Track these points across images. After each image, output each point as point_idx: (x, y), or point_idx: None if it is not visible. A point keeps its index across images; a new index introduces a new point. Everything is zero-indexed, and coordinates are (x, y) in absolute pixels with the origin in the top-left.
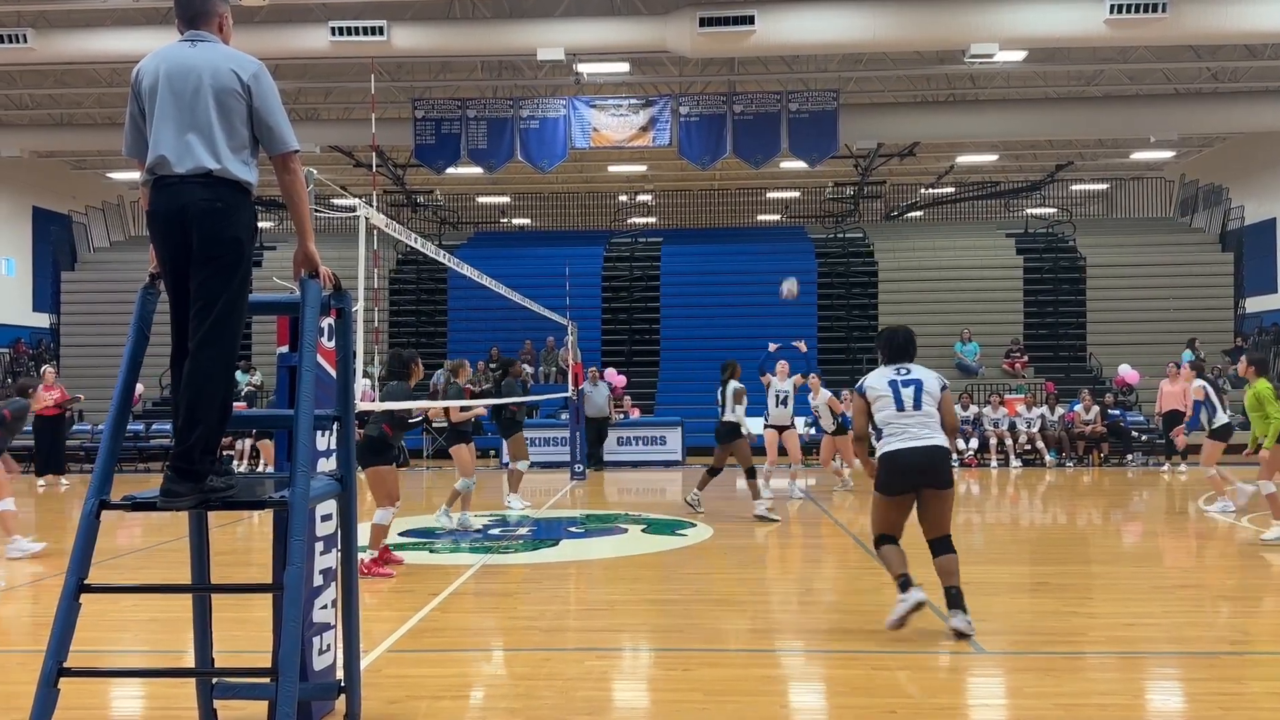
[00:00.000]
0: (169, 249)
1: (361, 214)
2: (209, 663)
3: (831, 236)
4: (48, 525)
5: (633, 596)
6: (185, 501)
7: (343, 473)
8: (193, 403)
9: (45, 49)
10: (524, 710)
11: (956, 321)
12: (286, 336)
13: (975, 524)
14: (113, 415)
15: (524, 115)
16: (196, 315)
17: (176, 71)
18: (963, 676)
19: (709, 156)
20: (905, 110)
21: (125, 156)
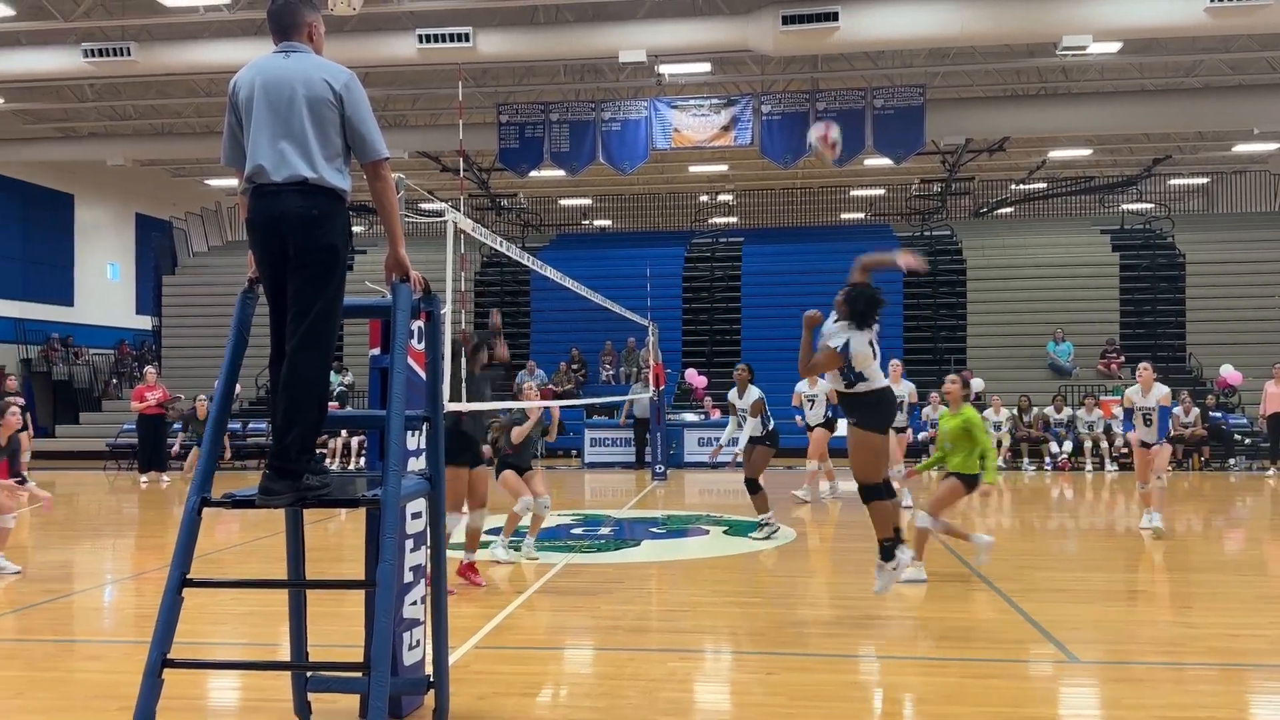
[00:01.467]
0: (267, 255)
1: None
2: (304, 656)
3: (918, 234)
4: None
5: (715, 598)
6: (283, 499)
7: (432, 472)
8: (290, 403)
9: (147, 61)
10: (609, 709)
11: (1049, 321)
12: (378, 339)
13: (1069, 529)
14: (214, 415)
15: (606, 117)
16: (293, 319)
17: (271, 82)
18: (1056, 686)
19: (791, 155)
20: (994, 104)
21: (224, 166)
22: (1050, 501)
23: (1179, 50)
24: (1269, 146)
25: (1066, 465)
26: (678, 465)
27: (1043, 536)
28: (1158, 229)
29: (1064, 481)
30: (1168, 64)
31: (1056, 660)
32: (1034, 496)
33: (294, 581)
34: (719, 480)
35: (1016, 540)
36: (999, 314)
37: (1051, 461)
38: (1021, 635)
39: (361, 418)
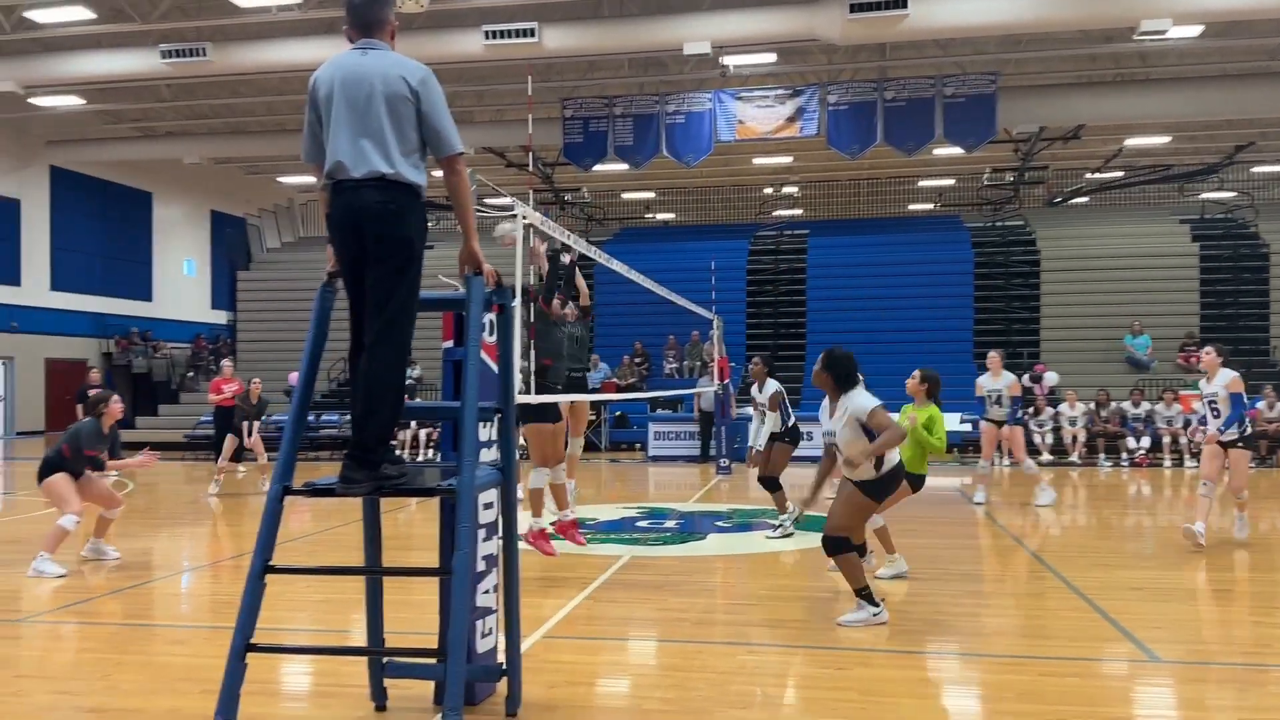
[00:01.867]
0: (346, 249)
1: (519, 212)
2: (380, 642)
3: (989, 225)
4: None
5: (782, 592)
6: (362, 488)
7: (504, 463)
8: (369, 394)
9: (222, 61)
10: (678, 700)
11: (1126, 314)
12: (451, 332)
13: (1147, 527)
14: (296, 406)
15: (670, 110)
16: (372, 312)
17: (350, 79)
18: (1135, 685)
19: (858, 145)
20: (1069, 91)
21: (304, 162)
22: (1127, 498)
23: (1263, 33)
24: None
25: (1144, 461)
26: (742, 459)
27: (1120, 534)
28: (1240, 218)
29: (1142, 478)
30: (1251, 47)
31: (1135, 659)
32: (1110, 493)
33: (372, 569)
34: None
35: (1093, 538)
36: (1074, 306)
37: (1129, 457)
38: (1099, 634)
39: (436, 409)
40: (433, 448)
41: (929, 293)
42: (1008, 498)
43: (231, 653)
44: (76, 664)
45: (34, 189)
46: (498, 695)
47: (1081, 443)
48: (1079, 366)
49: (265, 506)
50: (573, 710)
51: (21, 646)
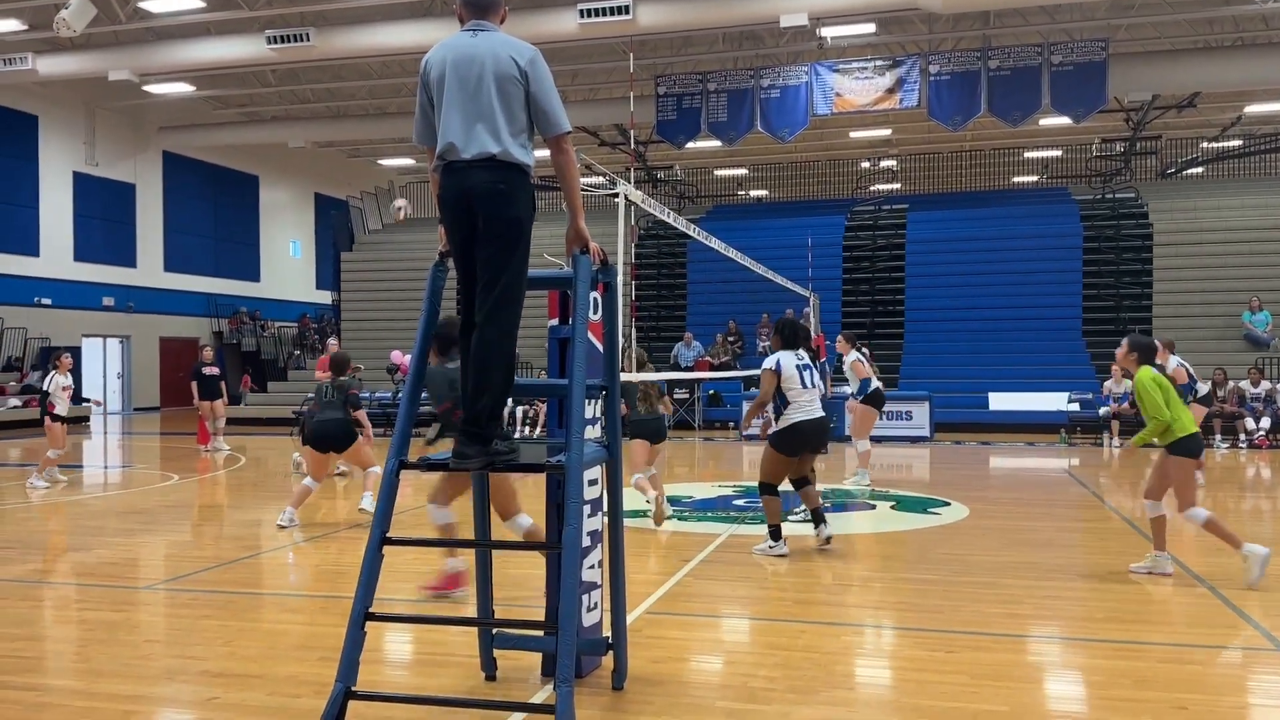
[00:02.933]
0: (457, 229)
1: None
2: (490, 614)
3: (1099, 198)
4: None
5: (886, 574)
6: (474, 463)
7: (610, 439)
8: (480, 372)
9: (324, 46)
10: (784, 680)
11: (1244, 289)
12: (556, 310)
13: (1266, 511)
14: (410, 383)
15: (764, 85)
16: (482, 290)
17: (462, 60)
18: (1262, 674)
19: (961, 116)
20: (1184, 57)
21: (415, 144)
22: (1245, 481)
23: None
24: None
25: (1265, 443)
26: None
27: (1238, 518)
28: None
29: (1261, 460)
30: None
31: (1260, 648)
32: (1228, 476)
33: (483, 542)
34: (884, 455)
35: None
36: (1189, 282)
37: (1248, 439)
38: (1221, 620)
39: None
40: (528, 425)
41: (1035, 268)
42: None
43: (351, 621)
44: (198, 630)
45: (148, 174)
46: (603, 668)
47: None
48: (1195, 344)
49: (382, 480)
50: (678, 685)
51: (145, 612)
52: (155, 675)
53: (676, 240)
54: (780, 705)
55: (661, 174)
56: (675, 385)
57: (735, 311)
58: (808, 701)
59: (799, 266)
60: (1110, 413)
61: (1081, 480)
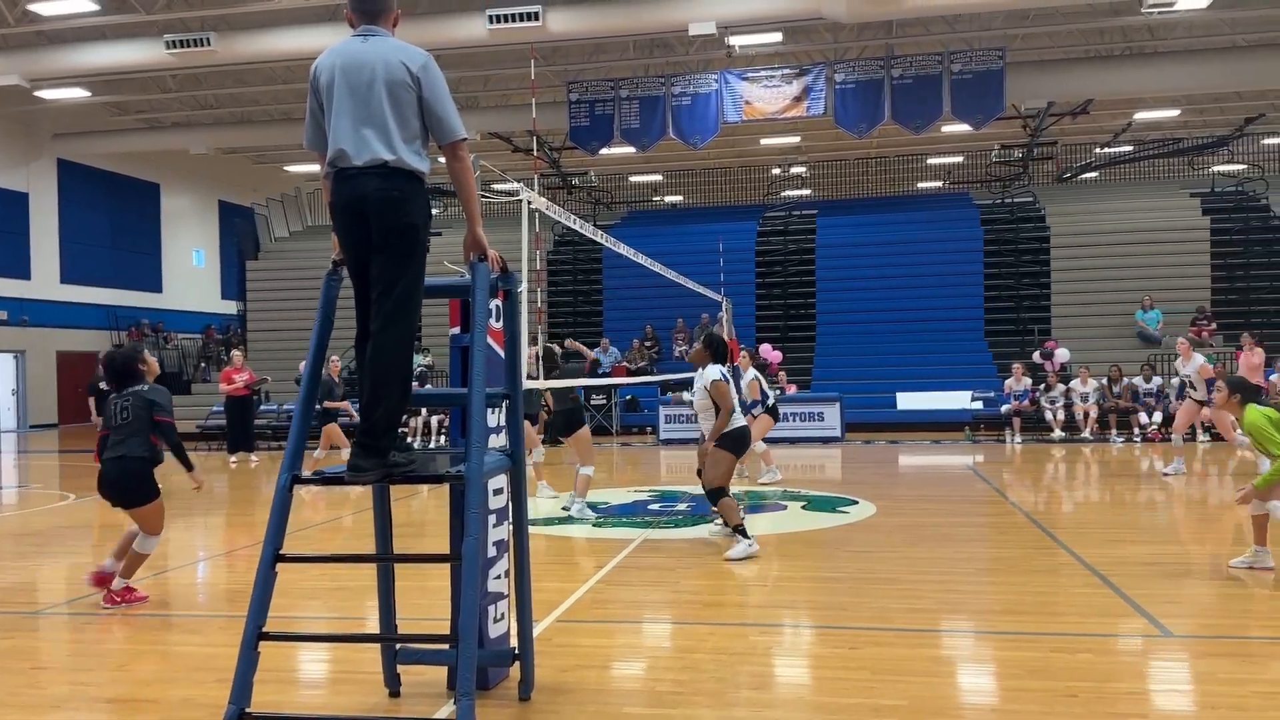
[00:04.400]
0: (350, 237)
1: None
2: (393, 629)
3: (998, 202)
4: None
5: (795, 573)
6: (370, 476)
7: (513, 448)
8: (376, 382)
9: (226, 50)
10: (690, 682)
11: (1137, 289)
12: (458, 318)
13: (1160, 502)
14: (303, 395)
15: (676, 92)
16: (377, 299)
17: (351, 66)
18: (1148, 660)
19: (866, 124)
20: (1077, 66)
21: (306, 150)
22: (1140, 473)
23: (1273, 2)
24: None
25: (1157, 436)
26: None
27: (1133, 509)
28: (1251, 191)
29: (1154, 453)
30: (1260, 18)
31: (1148, 634)
32: (1123, 469)
33: (383, 556)
34: (797, 455)
35: (1106, 513)
36: (1085, 282)
37: (1141, 433)
38: (1111, 609)
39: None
40: (444, 434)
41: (938, 271)
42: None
43: (244, 641)
44: (93, 655)
45: (42, 182)
46: (511, 679)
47: (1094, 419)
48: (1090, 343)
49: (275, 496)
50: (585, 693)
51: (39, 638)
52: (43, 704)
53: (592, 246)
54: (687, 709)
55: (576, 180)
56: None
57: (651, 316)
58: (714, 704)
59: (713, 271)
60: (1012, 410)
61: (985, 477)
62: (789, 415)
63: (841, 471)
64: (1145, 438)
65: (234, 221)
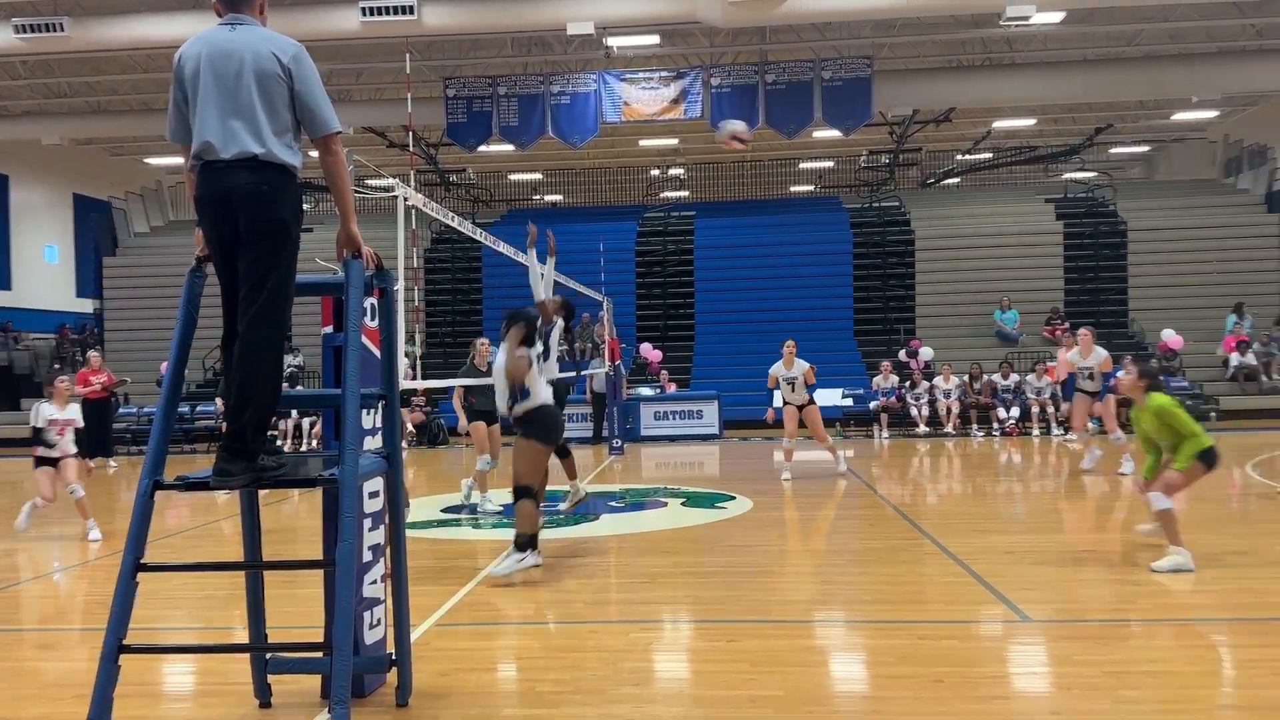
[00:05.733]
0: (217, 233)
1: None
2: (263, 638)
3: (867, 206)
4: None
5: (675, 569)
6: (238, 480)
7: (389, 450)
8: (244, 383)
9: (81, 37)
10: (571, 681)
11: (995, 289)
12: (331, 317)
13: (1018, 493)
14: (165, 397)
15: (555, 91)
16: (245, 297)
17: (218, 55)
18: (1009, 645)
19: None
20: (940, 75)
21: (170, 142)
22: (999, 466)
23: (1121, 19)
24: (1207, 114)
25: (1015, 430)
26: (635, 439)
27: (993, 500)
28: (1100, 197)
29: (1012, 446)
30: (1109, 33)
31: (1008, 620)
32: (983, 462)
33: (250, 563)
34: (676, 453)
35: (968, 504)
36: (947, 284)
37: (1000, 427)
38: (974, 597)
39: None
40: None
41: (811, 272)
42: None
43: (103, 654)
44: None
45: None
46: (388, 686)
47: (955, 414)
48: (952, 341)
49: (135, 502)
50: (464, 696)
51: None
52: None
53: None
54: (568, 708)
55: (454, 177)
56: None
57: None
58: (595, 701)
59: (593, 271)
60: (879, 406)
61: (855, 471)
62: (668, 414)
63: (720, 468)
64: (1004, 432)
65: (90, 216)
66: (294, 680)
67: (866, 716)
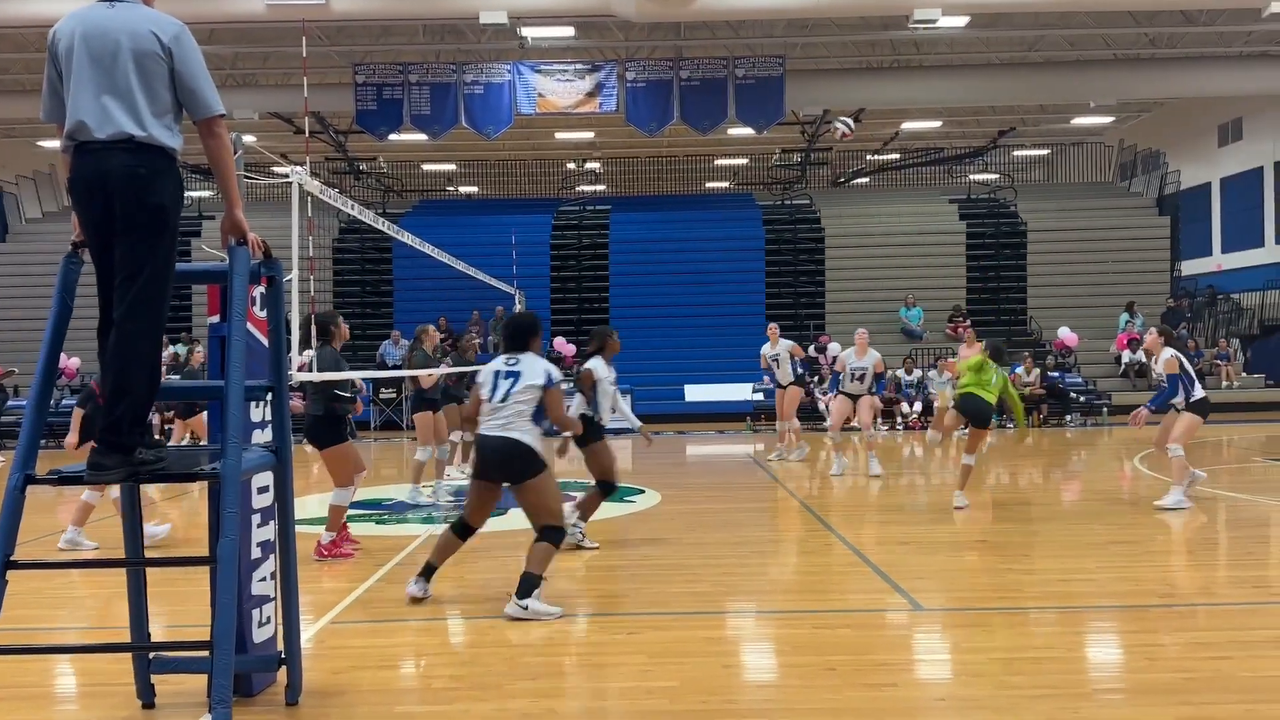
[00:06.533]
0: (92, 217)
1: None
2: (145, 637)
3: (779, 203)
4: None
5: (579, 563)
6: (113, 475)
7: (278, 444)
8: (120, 374)
9: None
10: (469, 677)
11: (901, 287)
12: (217, 306)
13: (919, 485)
14: (36, 387)
15: (468, 80)
16: (121, 285)
17: (94, 34)
18: (902, 633)
19: (656, 123)
20: (851, 76)
21: (44, 122)
22: (901, 459)
23: (1023, 25)
24: (1104, 120)
25: (916, 424)
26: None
27: (893, 492)
28: (1002, 198)
29: (915, 441)
30: (1012, 38)
31: (903, 609)
32: (885, 455)
33: (130, 560)
34: None
35: (869, 496)
36: (855, 280)
37: (903, 421)
38: (871, 586)
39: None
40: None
41: (725, 267)
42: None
43: None
44: None
45: None
46: (278, 685)
47: None
48: None
49: (5, 497)
50: (357, 694)
51: None
52: None
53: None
54: (462, 704)
55: (365, 166)
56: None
57: (444, 308)
58: (491, 696)
59: (506, 264)
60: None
61: (762, 464)
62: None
63: (631, 462)
64: (907, 425)
65: None
66: (179, 680)
67: (760, 704)
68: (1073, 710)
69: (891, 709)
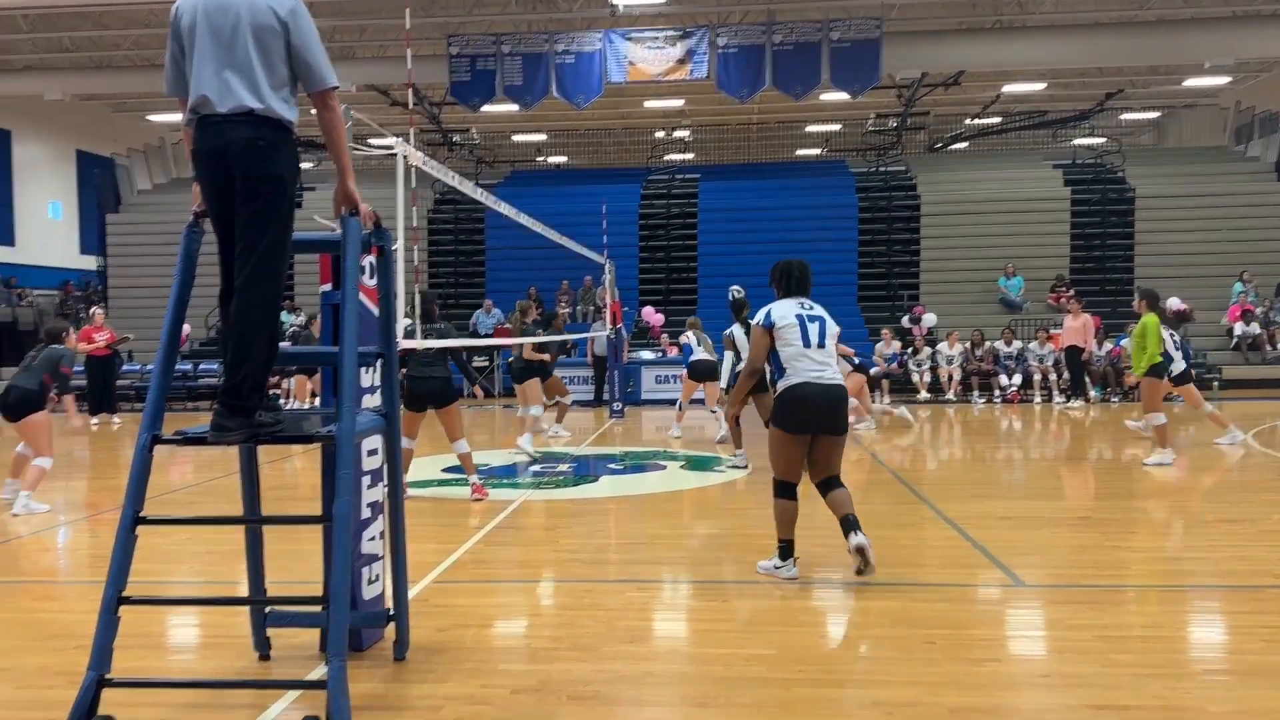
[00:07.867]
0: (213, 188)
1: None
2: (261, 592)
3: (873, 170)
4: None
5: (673, 531)
6: (235, 436)
7: (387, 408)
8: (240, 339)
9: None
10: (567, 638)
11: (1001, 255)
12: (330, 275)
13: (1018, 460)
14: (162, 353)
15: (559, 50)
16: (241, 253)
17: (215, 9)
18: (1002, 608)
19: (747, 89)
20: (950, 38)
21: (167, 96)
22: (999, 433)
23: None
24: (1219, 80)
25: (1016, 398)
26: (635, 402)
27: (992, 467)
28: (1108, 163)
29: (1013, 413)
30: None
31: (1002, 584)
32: (984, 428)
33: (249, 518)
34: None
35: (968, 470)
36: (952, 249)
37: (1001, 394)
38: (969, 561)
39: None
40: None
41: (816, 236)
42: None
43: (103, 606)
44: None
45: None
46: (386, 640)
47: (957, 381)
48: (956, 308)
49: (134, 456)
50: (461, 651)
51: None
52: None
53: (474, 206)
54: (562, 664)
55: (458, 137)
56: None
57: (535, 278)
58: (590, 658)
59: (596, 234)
60: (880, 372)
61: (854, 437)
62: (669, 378)
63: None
64: (1005, 399)
65: (93, 173)
66: (293, 634)
67: (857, 676)
68: (1184, 691)
69: (992, 683)
